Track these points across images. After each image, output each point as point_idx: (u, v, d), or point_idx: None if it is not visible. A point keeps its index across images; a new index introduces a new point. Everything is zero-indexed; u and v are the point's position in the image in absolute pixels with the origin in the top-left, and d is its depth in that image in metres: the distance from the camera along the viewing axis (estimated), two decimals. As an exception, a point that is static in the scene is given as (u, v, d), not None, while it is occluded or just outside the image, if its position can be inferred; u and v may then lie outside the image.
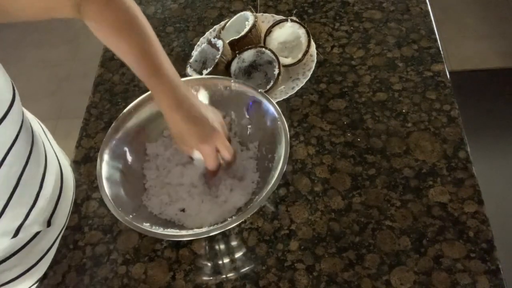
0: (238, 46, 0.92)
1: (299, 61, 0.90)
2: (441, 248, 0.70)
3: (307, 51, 0.90)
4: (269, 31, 0.94)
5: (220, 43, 0.89)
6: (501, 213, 1.58)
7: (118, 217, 0.67)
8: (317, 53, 0.92)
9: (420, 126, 0.83)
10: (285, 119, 0.73)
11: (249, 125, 0.80)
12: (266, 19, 0.99)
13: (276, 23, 0.94)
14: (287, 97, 0.86)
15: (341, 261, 0.71)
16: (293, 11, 1.03)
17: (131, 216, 0.69)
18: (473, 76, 2.00)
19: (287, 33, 0.94)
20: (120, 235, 0.78)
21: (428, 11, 1.00)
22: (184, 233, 0.68)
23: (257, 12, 1.02)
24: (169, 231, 0.68)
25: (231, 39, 0.92)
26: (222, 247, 0.76)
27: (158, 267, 0.74)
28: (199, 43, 0.99)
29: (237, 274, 0.72)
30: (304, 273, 0.71)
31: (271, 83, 0.86)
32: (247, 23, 0.93)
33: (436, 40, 0.95)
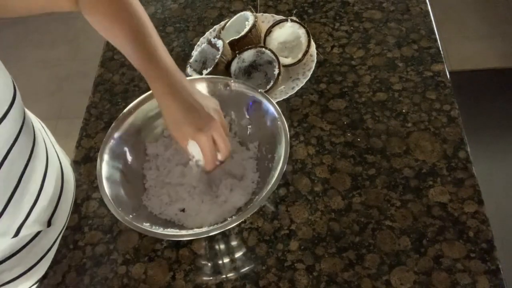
0: (238, 46, 0.92)
1: (299, 61, 0.90)
2: (441, 248, 0.70)
3: (307, 51, 0.90)
4: (269, 31, 0.94)
5: (220, 43, 0.89)
6: (501, 213, 1.58)
7: (118, 217, 0.67)
8: (317, 53, 0.92)
9: (420, 126, 0.83)
10: (285, 119, 0.73)
11: (249, 125, 0.80)
12: (266, 19, 0.99)
13: (276, 23, 0.94)
14: (287, 97, 0.86)
15: (341, 261, 0.71)
16: (293, 11, 1.03)
17: (131, 216, 0.69)
18: (473, 76, 2.00)
19: (287, 33, 0.94)
20: (120, 235, 0.78)
21: (428, 11, 1.00)
22: (184, 233, 0.68)
23: (257, 12, 1.02)
24: (169, 231, 0.68)
25: (231, 39, 0.92)
26: (222, 247, 0.76)
27: (158, 267, 0.74)
28: (199, 43, 0.99)
29: (237, 274, 0.72)
30: (304, 273, 0.71)
31: (271, 83, 0.86)
32: (247, 23, 0.93)
33: (436, 40, 0.95)
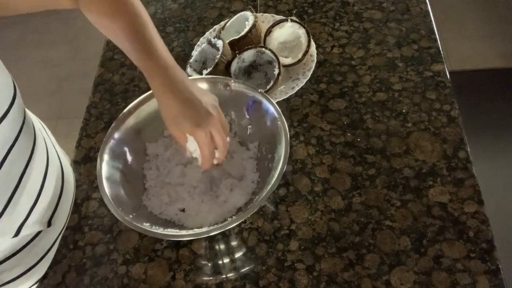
0: (238, 46, 0.92)
1: (299, 61, 0.90)
2: (441, 248, 0.70)
3: (307, 51, 0.90)
4: (269, 31, 0.94)
5: (220, 43, 0.89)
6: (501, 213, 1.58)
7: (118, 217, 0.67)
8: (317, 53, 0.92)
9: (420, 126, 0.83)
10: (285, 119, 0.73)
11: (249, 125, 0.80)
12: (266, 19, 0.99)
13: (276, 23, 0.94)
14: (287, 97, 0.86)
15: (341, 261, 0.71)
16: (293, 11, 1.03)
17: (131, 216, 0.69)
18: (473, 76, 2.00)
19: (287, 33, 0.94)
20: (120, 235, 0.78)
21: (428, 11, 1.00)
22: (184, 233, 0.68)
23: (257, 12, 1.02)
24: (169, 231, 0.68)
25: (231, 39, 0.92)
26: (222, 247, 0.76)
27: (158, 267, 0.74)
28: (199, 43, 0.99)
29: (237, 274, 0.72)
30: (304, 273, 0.71)
31: (271, 83, 0.86)
32: (247, 23, 0.93)
33: (436, 40, 0.95)
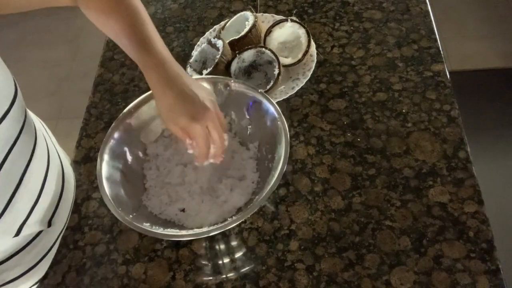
0: (238, 46, 0.92)
1: (299, 61, 0.90)
2: (441, 248, 0.70)
3: (307, 51, 0.90)
4: (269, 31, 0.94)
5: (220, 43, 0.89)
6: (501, 213, 1.58)
7: (118, 217, 0.67)
8: (317, 53, 0.92)
9: (420, 126, 0.83)
10: (285, 119, 0.73)
11: (249, 125, 0.80)
12: (266, 19, 0.99)
13: (276, 23, 0.94)
14: (287, 97, 0.86)
15: (341, 261, 0.71)
16: (293, 11, 1.03)
17: (131, 216, 0.69)
18: (473, 76, 2.00)
19: (287, 33, 0.94)
20: (120, 235, 0.78)
21: (428, 11, 1.00)
22: (184, 233, 0.68)
23: (257, 12, 1.02)
24: (169, 231, 0.68)
25: (231, 39, 0.92)
26: (222, 247, 0.76)
27: (158, 267, 0.74)
28: (199, 43, 0.99)
29: (237, 274, 0.72)
30: (304, 273, 0.71)
31: (271, 83, 0.86)
32: (247, 23, 0.93)
33: (436, 40, 0.95)
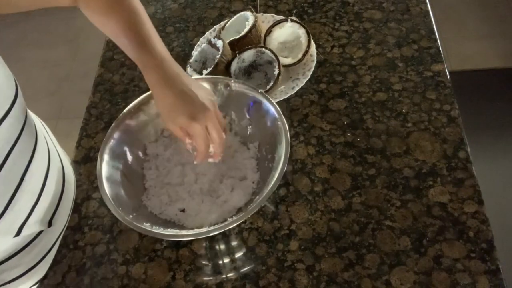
0: (238, 46, 0.92)
1: (299, 61, 0.90)
2: (441, 248, 0.70)
3: (307, 51, 0.90)
4: (269, 31, 0.94)
5: (220, 43, 0.89)
6: (501, 213, 1.58)
7: (118, 217, 0.67)
8: (317, 53, 0.92)
9: (420, 126, 0.83)
10: (285, 119, 0.73)
11: (249, 126, 0.80)
12: (266, 19, 0.99)
13: (276, 23, 0.94)
14: (287, 97, 0.86)
15: (341, 261, 0.71)
16: (293, 11, 1.03)
17: (131, 216, 0.69)
18: (473, 76, 2.00)
19: (287, 33, 0.94)
20: (120, 235, 0.78)
21: (428, 11, 1.00)
22: (184, 233, 0.68)
23: (257, 12, 1.02)
24: (169, 231, 0.68)
25: (231, 39, 0.92)
26: (222, 247, 0.76)
27: (158, 267, 0.74)
28: (199, 43, 0.99)
29: (237, 274, 0.72)
30: (304, 273, 0.71)
31: (271, 83, 0.86)
32: (247, 23, 0.93)
33: (436, 40, 0.95)
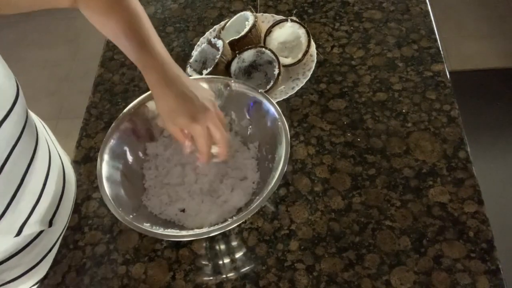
0: (238, 46, 0.92)
1: (299, 61, 0.90)
2: (441, 248, 0.70)
3: (307, 51, 0.90)
4: (269, 31, 0.94)
5: (220, 43, 0.89)
6: (501, 213, 1.58)
7: (118, 217, 0.67)
8: (317, 53, 0.92)
9: (420, 126, 0.83)
10: (285, 119, 0.73)
11: (249, 126, 0.80)
12: (266, 19, 0.99)
13: (276, 23, 0.94)
14: (287, 97, 0.86)
15: (341, 261, 0.71)
16: (293, 11, 1.03)
17: (131, 216, 0.69)
18: (473, 76, 2.00)
19: (287, 33, 0.94)
20: (120, 235, 0.78)
21: (428, 11, 1.00)
22: (184, 233, 0.68)
23: (257, 12, 1.02)
24: (169, 231, 0.68)
25: (231, 39, 0.92)
26: (222, 247, 0.76)
27: (158, 267, 0.74)
28: (199, 43, 0.99)
29: (237, 274, 0.72)
30: (304, 273, 0.71)
31: (271, 83, 0.86)
32: (247, 23, 0.93)
33: (436, 40, 0.95)
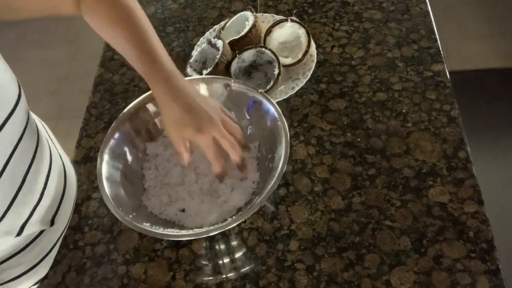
0: (238, 46, 0.92)
1: (299, 61, 0.90)
2: (441, 248, 0.70)
3: (307, 51, 0.90)
4: (269, 31, 0.94)
5: (220, 43, 0.89)
6: (501, 213, 1.58)
7: (118, 217, 0.67)
8: (317, 53, 0.92)
9: (420, 126, 0.83)
10: (285, 119, 0.73)
11: (249, 126, 0.80)
12: (266, 19, 0.99)
13: (276, 23, 0.94)
14: (287, 97, 0.86)
15: (341, 261, 0.71)
16: (293, 11, 1.03)
17: (131, 216, 0.69)
18: (473, 76, 2.00)
19: (287, 33, 0.94)
20: (120, 235, 0.78)
21: (428, 11, 1.00)
22: (184, 233, 0.68)
23: (257, 12, 1.02)
24: (169, 231, 0.68)
25: (231, 39, 0.92)
26: (222, 247, 0.76)
27: (158, 267, 0.74)
28: (199, 43, 0.99)
29: (237, 274, 0.72)
30: (304, 273, 0.71)
31: (271, 83, 0.86)
32: (247, 23, 0.93)
33: (436, 40, 0.95)
